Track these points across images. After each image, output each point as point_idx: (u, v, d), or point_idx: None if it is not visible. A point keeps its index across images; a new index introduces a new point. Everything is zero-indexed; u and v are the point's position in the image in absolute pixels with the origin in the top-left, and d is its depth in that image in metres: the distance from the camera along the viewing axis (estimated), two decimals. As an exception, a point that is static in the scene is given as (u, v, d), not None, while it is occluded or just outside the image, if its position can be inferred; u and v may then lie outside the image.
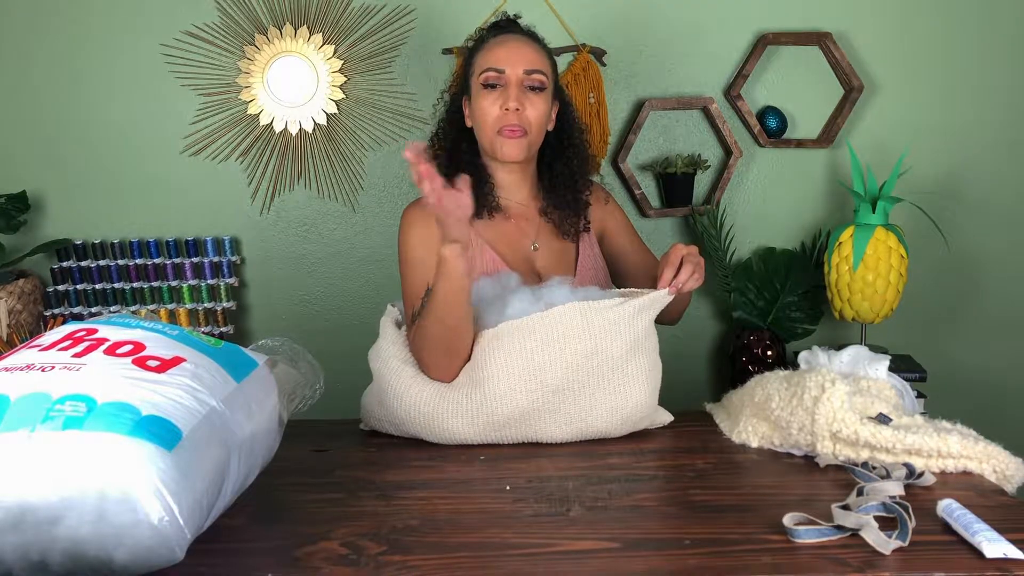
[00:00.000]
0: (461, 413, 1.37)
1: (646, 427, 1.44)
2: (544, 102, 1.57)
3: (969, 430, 1.28)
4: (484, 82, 1.56)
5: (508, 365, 1.35)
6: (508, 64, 1.55)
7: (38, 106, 2.22)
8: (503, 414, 1.35)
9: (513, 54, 1.56)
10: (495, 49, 1.57)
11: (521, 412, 1.35)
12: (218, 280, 2.24)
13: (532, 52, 1.58)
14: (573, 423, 1.37)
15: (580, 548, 1.02)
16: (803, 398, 1.28)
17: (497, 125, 1.56)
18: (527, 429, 1.37)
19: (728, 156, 2.25)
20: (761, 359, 2.18)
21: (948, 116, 2.27)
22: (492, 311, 1.41)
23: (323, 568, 0.98)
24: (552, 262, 1.64)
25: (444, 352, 1.39)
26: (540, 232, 1.66)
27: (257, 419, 1.11)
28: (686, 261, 1.40)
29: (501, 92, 1.55)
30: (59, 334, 1.09)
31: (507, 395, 1.34)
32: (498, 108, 1.55)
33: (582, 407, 1.36)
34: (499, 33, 1.62)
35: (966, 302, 2.34)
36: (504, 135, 1.56)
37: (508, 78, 1.55)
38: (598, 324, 1.35)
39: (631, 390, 1.37)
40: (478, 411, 1.36)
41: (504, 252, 1.62)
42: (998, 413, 2.32)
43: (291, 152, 2.25)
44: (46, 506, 0.89)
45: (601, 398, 1.36)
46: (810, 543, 1.01)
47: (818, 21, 2.22)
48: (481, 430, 1.37)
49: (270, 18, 2.19)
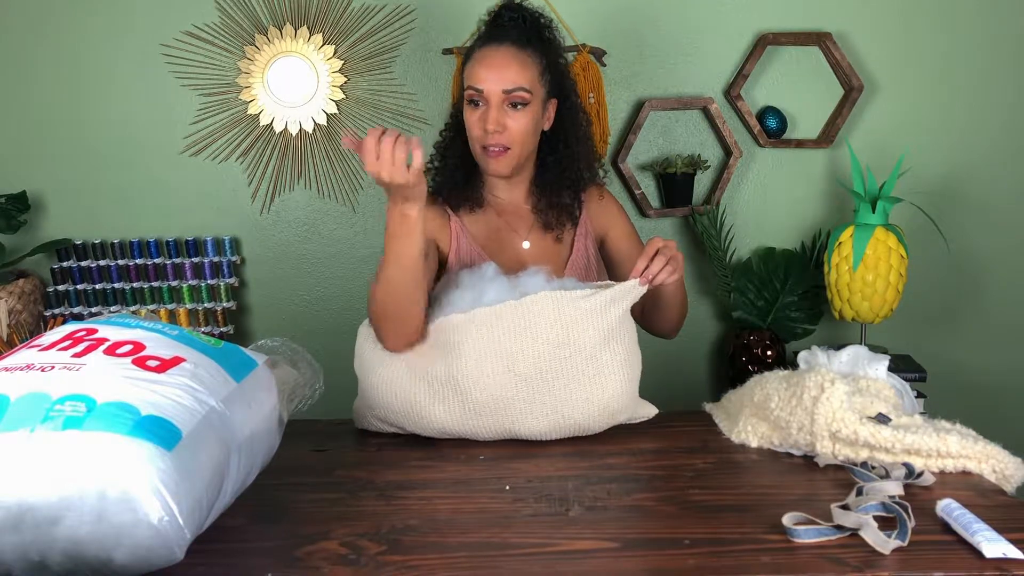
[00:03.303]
0: (438, 399, 1.37)
1: (627, 420, 1.42)
2: (528, 115, 1.55)
3: (968, 430, 1.27)
4: (468, 98, 1.56)
5: (479, 350, 1.35)
6: (487, 83, 1.53)
7: (38, 106, 2.22)
8: (477, 399, 1.35)
9: (493, 73, 1.53)
10: (477, 66, 1.55)
11: (495, 400, 1.35)
12: (218, 280, 2.24)
13: (515, 67, 1.54)
14: (549, 415, 1.36)
15: (579, 548, 1.02)
16: (802, 398, 1.28)
17: (480, 142, 1.57)
18: (504, 419, 1.37)
19: (728, 156, 2.26)
20: (761, 359, 2.18)
21: (948, 116, 2.27)
22: (467, 299, 1.42)
23: (323, 568, 0.98)
24: (542, 260, 1.63)
25: (394, 313, 1.38)
26: (533, 229, 1.66)
27: (257, 419, 1.11)
28: (660, 253, 1.39)
29: (483, 111, 1.55)
30: (59, 334, 1.09)
31: (479, 380, 1.34)
32: (480, 127, 1.55)
33: (557, 397, 1.36)
34: (489, 41, 1.57)
35: (966, 302, 2.34)
36: (488, 154, 1.57)
37: (488, 97, 1.53)
38: (569, 313, 1.35)
39: (606, 380, 1.36)
40: (453, 395, 1.36)
41: (491, 248, 1.63)
42: (997, 413, 2.31)
43: (291, 152, 2.25)
44: (46, 506, 0.89)
45: (575, 389, 1.36)
46: (809, 543, 1.01)
47: (818, 21, 2.22)
48: (459, 418, 1.37)
49: (270, 18, 2.19)
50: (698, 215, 2.25)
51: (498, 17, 1.62)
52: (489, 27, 1.62)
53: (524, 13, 1.61)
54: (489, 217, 1.65)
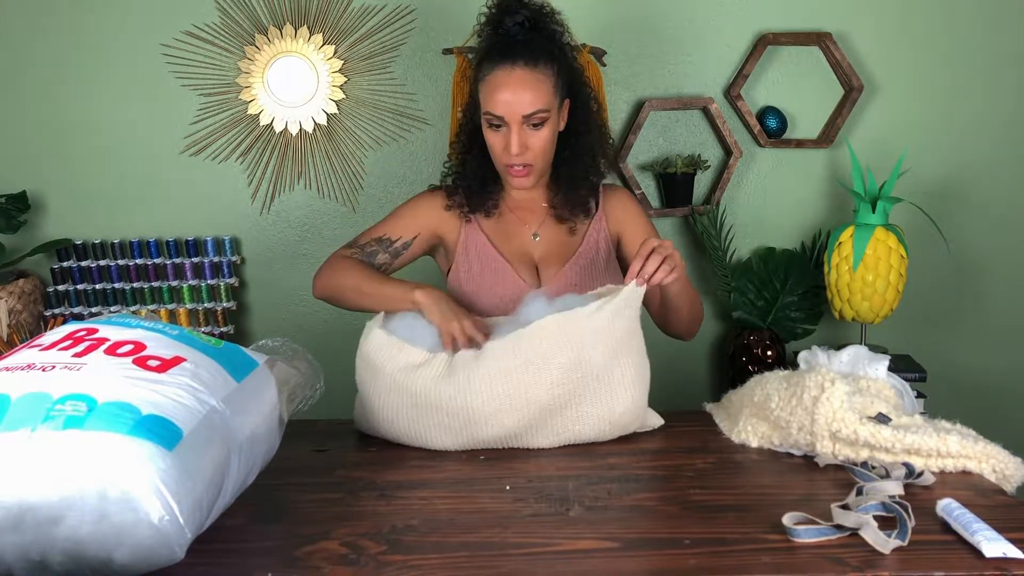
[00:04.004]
0: (447, 432, 1.35)
1: (636, 430, 1.42)
2: (548, 130, 1.57)
3: (968, 430, 1.27)
4: (487, 121, 1.57)
5: (492, 388, 1.32)
6: (507, 112, 1.53)
7: (38, 106, 2.22)
8: (489, 435, 1.34)
9: (512, 101, 1.52)
10: (493, 92, 1.54)
11: (508, 432, 1.34)
12: (218, 280, 2.24)
13: (531, 90, 1.52)
14: (561, 434, 1.36)
15: (580, 548, 1.02)
16: (803, 398, 1.28)
17: (502, 161, 1.59)
18: (514, 441, 1.36)
19: (728, 156, 2.26)
20: (761, 359, 2.18)
21: (948, 116, 2.27)
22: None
23: (323, 568, 0.98)
24: (550, 251, 1.64)
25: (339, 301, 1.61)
26: (544, 221, 1.68)
27: (257, 419, 1.11)
28: (655, 252, 1.37)
29: (504, 133, 1.56)
30: (59, 334, 1.09)
31: (493, 417, 1.33)
32: (501, 148, 1.57)
33: (569, 418, 1.35)
34: (500, 62, 1.54)
35: (966, 302, 2.34)
36: (512, 172, 1.59)
37: (507, 122, 1.54)
38: (578, 335, 1.33)
39: (618, 396, 1.35)
40: (464, 428, 1.34)
41: (501, 243, 1.65)
42: (997, 413, 2.31)
43: (291, 152, 2.25)
44: (46, 506, 0.89)
45: (588, 408, 1.35)
46: (809, 543, 1.01)
47: (818, 21, 2.22)
48: (467, 443, 1.36)
49: (270, 18, 2.19)
50: (698, 215, 2.25)
51: (500, 26, 1.58)
52: (495, 43, 1.58)
53: (525, 14, 1.58)
54: (500, 210, 1.68)
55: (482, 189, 1.66)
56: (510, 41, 1.56)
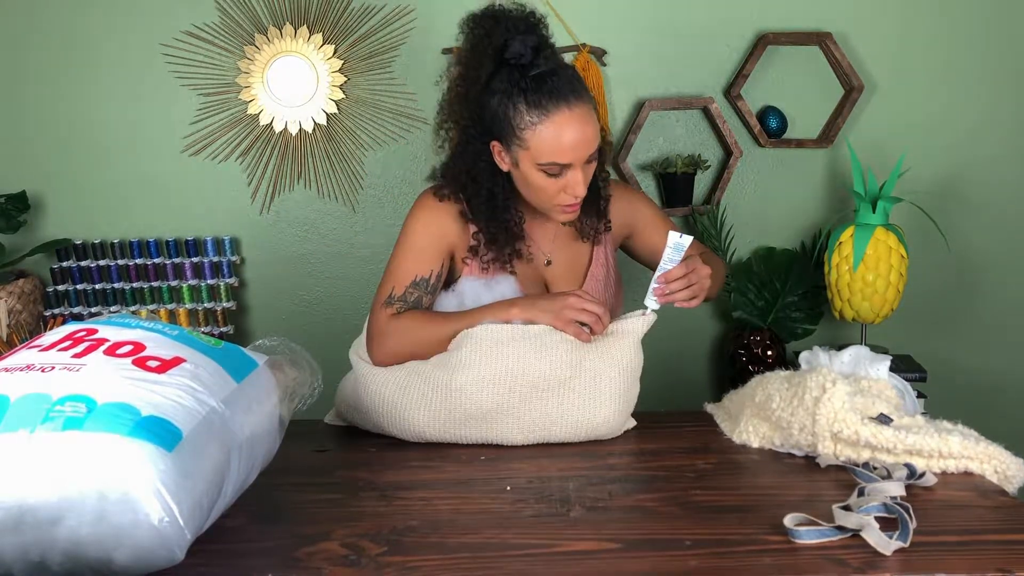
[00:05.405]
0: (425, 405, 1.37)
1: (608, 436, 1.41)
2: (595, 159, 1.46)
3: (970, 430, 1.27)
4: (544, 171, 1.41)
5: (479, 360, 1.35)
6: (575, 157, 1.40)
7: (38, 106, 2.21)
8: (465, 409, 1.35)
9: (580, 144, 1.39)
10: (558, 139, 1.38)
11: (484, 411, 1.35)
12: (218, 280, 2.23)
13: (592, 125, 1.41)
14: (535, 430, 1.37)
15: (580, 549, 1.02)
16: (804, 398, 1.28)
17: (554, 201, 1.45)
18: (487, 430, 1.37)
19: (728, 156, 2.25)
20: (761, 359, 2.18)
21: (948, 116, 2.27)
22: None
23: (323, 568, 0.98)
24: (562, 273, 1.60)
25: (410, 354, 1.45)
26: (556, 239, 1.60)
27: (257, 419, 1.11)
28: (688, 278, 1.40)
29: (563, 179, 1.42)
30: (59, 334, 1.09)
31: (473, 389, 1.34)
32: (557, 190, 1.43)
33: (547, 415, 1.36)
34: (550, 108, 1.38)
35: (966, 302, 2.34)
36: (564, 211, 1.47)
37: (574, 164, 1.42)
38: (580, 344, 1.37)
39: (600, 408, 1.36)
40: (442, 402, 1.36)
41: (516, 268, 1.56)
42: (999, 413, 2.31)
43: (291, 152, 2.25)
44: (46, 507, 0.89)
45: (568, 410, 1.36)
46: (811, 544, 1.01)
47: (818, 21, 2.22)
48: (441, 425, 1.37)
49: (270, 18, 2.19)
50: (698, 215, 2.25)
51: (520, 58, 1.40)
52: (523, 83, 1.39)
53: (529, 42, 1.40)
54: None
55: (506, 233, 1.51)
56: (541, 76, 1.39)
